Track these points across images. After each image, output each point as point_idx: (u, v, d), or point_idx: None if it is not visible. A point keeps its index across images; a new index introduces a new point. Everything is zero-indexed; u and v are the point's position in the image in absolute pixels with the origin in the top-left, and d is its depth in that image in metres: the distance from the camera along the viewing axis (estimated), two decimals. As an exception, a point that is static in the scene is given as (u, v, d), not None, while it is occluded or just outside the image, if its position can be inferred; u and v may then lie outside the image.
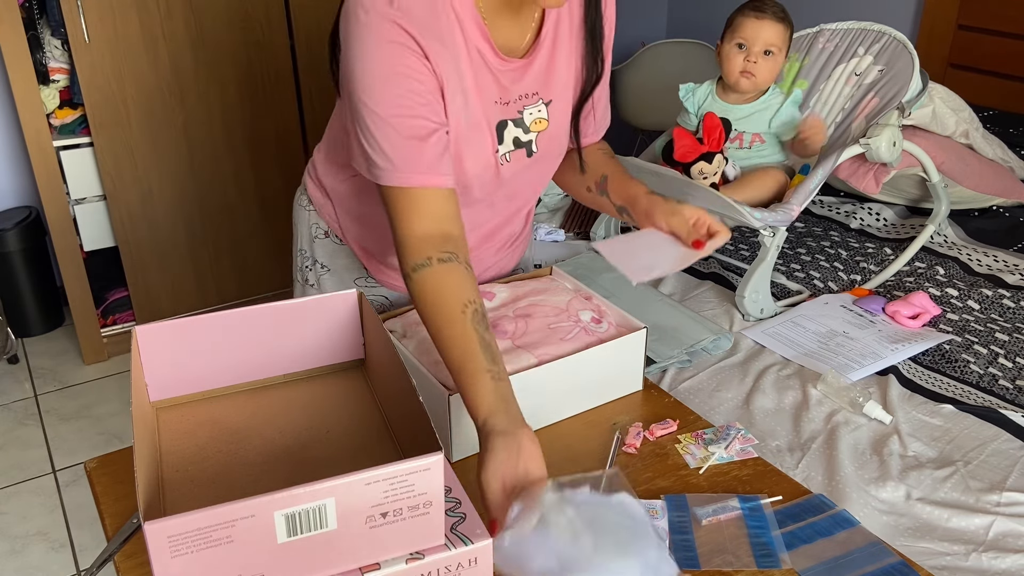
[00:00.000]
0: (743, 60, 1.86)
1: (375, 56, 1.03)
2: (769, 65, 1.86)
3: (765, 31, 1.84)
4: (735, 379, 1.58)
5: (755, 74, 1.86)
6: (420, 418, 0.80)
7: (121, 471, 1.06)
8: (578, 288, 1.32)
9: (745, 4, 1.88)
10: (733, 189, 1.84)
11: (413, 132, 1.04)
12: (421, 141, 1.05)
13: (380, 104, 1.04)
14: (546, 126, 1.20)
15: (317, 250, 1.37)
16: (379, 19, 1.02)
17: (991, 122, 2.51)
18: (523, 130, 1.18)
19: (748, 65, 1.85)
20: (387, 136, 1.04)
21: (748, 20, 1.85)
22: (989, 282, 1.93)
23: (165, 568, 0.69)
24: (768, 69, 1.87)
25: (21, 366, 2.71)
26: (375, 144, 1.05)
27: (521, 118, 1.17)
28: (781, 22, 1.85)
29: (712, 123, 1.81)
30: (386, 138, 1.04)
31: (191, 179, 2.66)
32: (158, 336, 0.93)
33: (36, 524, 2.08)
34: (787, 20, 1.87)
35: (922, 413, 1.49)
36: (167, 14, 2.44)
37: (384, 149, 1.05)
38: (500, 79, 1.13)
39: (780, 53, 1.86)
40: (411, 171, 1.05)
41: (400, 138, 1.04)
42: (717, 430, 1.16)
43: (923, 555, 1.18)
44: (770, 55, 1.85)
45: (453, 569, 0.79)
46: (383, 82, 1.03)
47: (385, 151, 1.05)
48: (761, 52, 1.84)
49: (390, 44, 1.02)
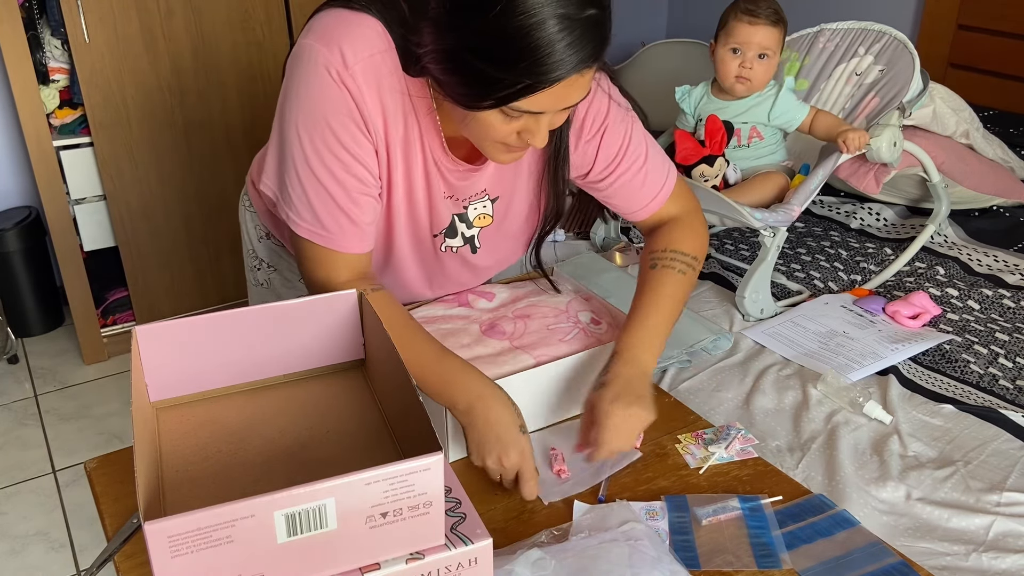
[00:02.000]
0: (738, 66, 1.85)
1: (323, 117, 0.99)
2: (764, 67, 1.86)
3: (759, 35, 1.83)
4: (735, 379, 1.58)
5: (750, 79, 1.86)
6: (420, 418, 0.80)
7: (121, 471, 1.06)
8: (578, 289, 1.32)
9: (738, 4, 1.85)
10: (735, 194, 1.84)
11: (348, 207, 1.03)
12: (354, 216, 1.04)
13: (319, 169, 1.01)
14: (490, 222, 1.18)
15: (262, 250, 1.35)
16: (333, 83, 0.98)
17: (991, 122, 2.51)
18: (466, 225, 1.17)
19: (743, 71, 1.85)
20: (322, 200, 1.03)
21: (741, 25, 1.83)
22: (989, 282, 1.93)
23: (165, 568, 0.69)
24: (763, 72, 1.86)
25: (21, 366, 2.71)
26: (304, 199, 1.03)
27: (465, 213, 1.16)
28: (775, 25, 1.84)
29: (714, 126, 1.81)
30: (321, 202, 1.03)
31: (191, 179, 2.66)
32: (158, 336, 0.93)
33: (36, 524, 2.08)
34: (781, 21, 1.86)
35: (922, 413, 1.49)
36: (167, 14, 2.44)
37: (315, 209, 1.03)
38: (448, 177, 1.11)
39: (775, 55, 1.86)
40: (340, 238, 1.05)
41: (335, 207, 1.03)
42: (717, 430, 1.16)
43: (923, 555, 1.18)
44: (765, 58, 1.85)
45: (453, 569, 0.79)
46: (328, 147, 1.00)
47: (316, 211, 1.03)
48: (755, 56, 1.84)
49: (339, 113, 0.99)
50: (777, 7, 1.86)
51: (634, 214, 1.21)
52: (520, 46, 0.84)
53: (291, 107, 1.01)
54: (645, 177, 1.18)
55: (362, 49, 0.97)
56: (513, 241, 1.24)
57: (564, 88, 0.89)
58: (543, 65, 0.85)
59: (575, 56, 0.86)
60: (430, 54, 0.92)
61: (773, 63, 1.87)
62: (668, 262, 1.16)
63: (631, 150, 1.15)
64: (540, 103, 0.90)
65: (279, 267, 1.35)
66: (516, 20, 0.83)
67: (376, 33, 0.98)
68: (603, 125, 1.13)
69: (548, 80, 0.86)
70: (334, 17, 1.00)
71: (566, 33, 0.84)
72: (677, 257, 1.17)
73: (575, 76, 0.88)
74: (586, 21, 0.85)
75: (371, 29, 0.98)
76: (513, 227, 1.22)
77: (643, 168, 1.17)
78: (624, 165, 1.15)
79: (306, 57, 0.99)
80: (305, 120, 1.00)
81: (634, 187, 1.18)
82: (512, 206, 1.19)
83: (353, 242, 1.06)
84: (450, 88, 0.92)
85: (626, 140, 1.15)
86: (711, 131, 1.81)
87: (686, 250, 1.18)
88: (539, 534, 0.96)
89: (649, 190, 1.19)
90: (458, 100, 0.93)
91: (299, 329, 0.99)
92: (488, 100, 0.90)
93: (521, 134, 0.96)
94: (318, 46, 0.98)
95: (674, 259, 1.17)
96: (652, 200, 1.20)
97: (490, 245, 1.21)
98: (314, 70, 0.98)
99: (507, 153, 1.01)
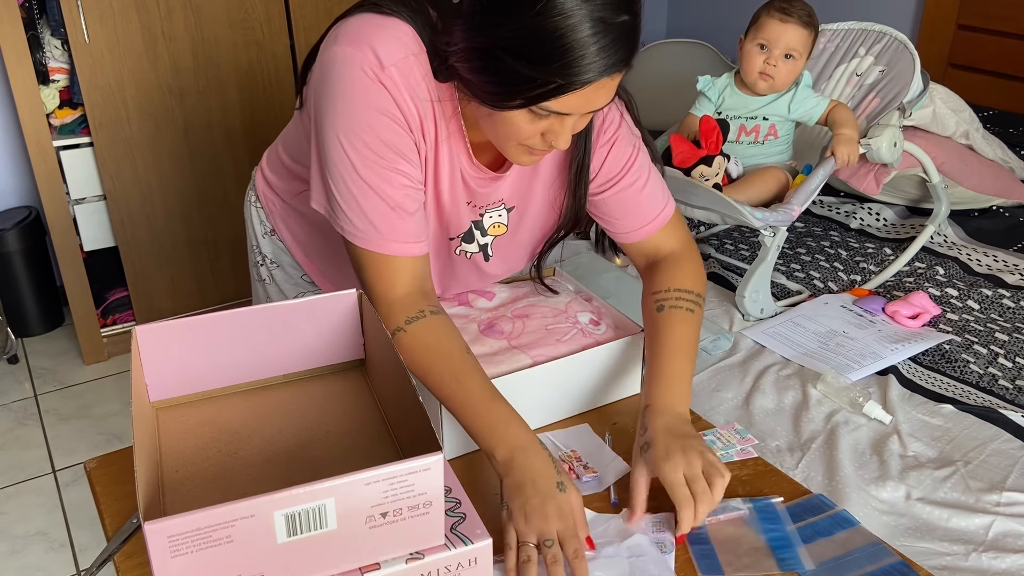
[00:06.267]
0: (763, 62, 1.85)
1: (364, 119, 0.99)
2: (789, 68, 1.85)
3: (788, 34, 1.82)
4: (735, 379, 1.58)
5: (773, 77, 1.85)
6: (420, 418, 0.80)
7: (121, 471, 1.06)
8: (579, 289, 1.32)
9: (772, 3, 1.85)
10: (735, 190, 1.84)
11: (399, 204, 1.03)
12: (406, 213, 1.03)
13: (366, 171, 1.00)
14: (504, 231, 1.19)
15: (265, 246, 1.36)
16: (371, 82, 0.97)
17: (991, 122, 2.51)
18: (481, 232, 1.17)
19: (767, 67, 1.85)
20: (372, 203, 1.02)
21: (773, 21, 1.83)
22: (989, 282, 1.93)
23: (165, 568, 0.69)
24: (787, 72, 1.86)
25: (21, 366, 2.71)
26: (355, 206, 1.02)
27: (481, 221, 1.16)
28: (806, 27, 1.84)
29: (709, 126, 1.80)
30: (371, 205, 1.02)
31: (191, 179, 2.66)
32: (158, 336, 0.93)
33: (36, 524, 2.08)
34: (813, 24, 1.85)
35: (922, 413, 1.49)
36: (167, 14, 2.44)
37: (367, 214, 1.02)
38: (471, 184, 1.11)
39: (801, 58, 1.86)
40: (394, 240, 1.03)
41: (386, 208, 1.02)
42: (717, 432, 1.16)
43: (923, 555, 1.18)
44: (791, 59, 1.84)
45: (453, 569, 0.79)
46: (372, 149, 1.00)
47: (368, 216, 1.02)
48: (782, 55, 1.83)
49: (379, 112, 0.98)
50: (811, 11, 1.85)
51: (629, 234, 1.20)
52: (555, 46, 0.85)
53: (328, 117, 1.00)
54: (644, 197, 1.18)
55: (396, 51, 0.97)
56: (524, 250, 1.25)
57: (593, 91, 0.90)
58: (576, 66, 0.86)
59: (607, 60, 0.87)
60: (460, 52, 0.92)
61: (798, 65, 1.86)
62: (675, 302, 1.14)
63: (634, 169, 1.16)
64: (568, 104, 0.91)
65: (282, 263, 1.35)
66: (553, 20, 0.84)
67: (408, 36, 0.98)
68: (614, 137, 1.14)
69: (579, 82, 0.88)
70: (363, 21, 0.99)
71: (600, 36, 0.86)
72: (683, 296, 1.15)
73: (605, 79, 0.89)
74: (620, 27, 0.87)
75: (403, 32, 0.98)
76: (525, 237, 1.22)
77: (644, 189, 1.17)
78: (626, 180, 1.16)
79: (339, 63, 0.98)
80: (346, 126, 0.99)
81: (631, 204, 1.18)
82: (526, 216, 1.19)
83: (407, 245, 1.04)
84: (479, 87, 0.93)
85: (632, 158, 1.16)
86: (706, 131, 1.80)
87: (690, 287, 1.16)
88: None
89: (647, 210, 1.19)
90: (487, 99, 0.93)
91: (299, 329, 0.99)
92: (518, 99, 0.91)
93: (545, 135, 0.97)
94: (350, 50, 0.97)
95: (680, 298, 1.15)
96: (649, 223, 1.19)
97: (502, 254, 1.22)
98: (349, 73, 0.98)
99: (529, 155, 1.02)
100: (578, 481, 1.05)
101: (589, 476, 1.06)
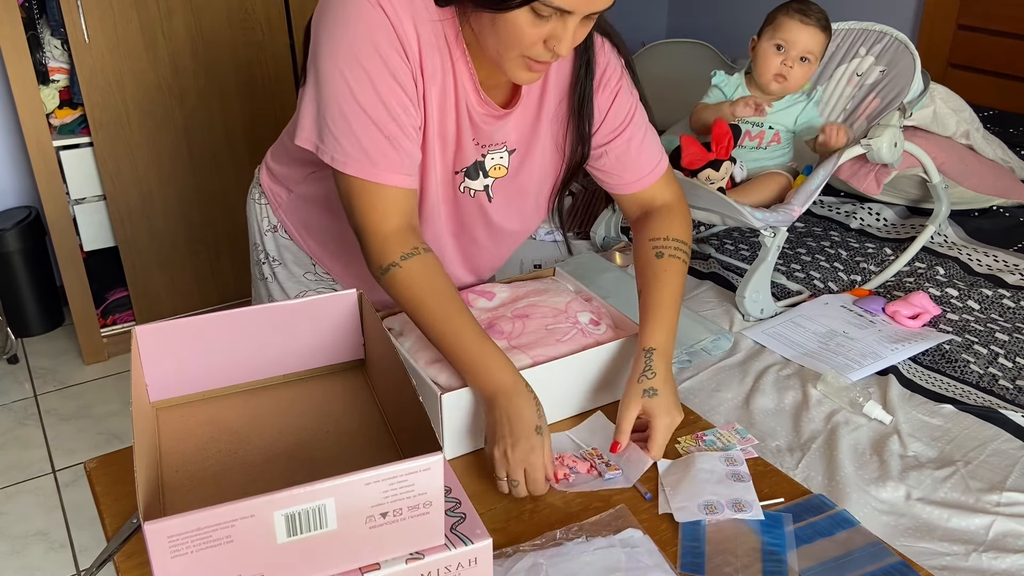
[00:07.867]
0: (779, 63, 1.84)
1: (362, 45, 1.00)
2: (803, 71, 1.85)
3: (807, 37, 1.82)
4: (735, 379, 1.58)
5: (788, 79, 1.85)
6: (420, 418, 0.80)
7: (121, 471, 1.06)
8: (579, 290, 1.32)
9: (791, 4, 1.85)
10: (738, 194, 1.84)
11: (393, 134, 1.03)
12: (400, 144, 1.04)
13: (363, 97, 1.01)
14: (504, 173, 1.20)
15: (268, 243, 1.36)
16: (370, 7, 1.00)
17: (991, 122, 2.51)
18: (483, 174, 1.18)
19: (784, 69, 1.84)
20: (367, 131, 1.02)
21: (792, 23, 1.82)
22: (989, 282, 1.93)
23: (165, 568, 0.69)
24: (801, 75, 1.86)
25: (21, 366, 2.71)
26: (348, 134, 1.03)
27: (483, 161, 1.17)
28: (824, 31, 1.84)
29: (721, 130, 1.80)
30: (366, 133, 1.02)
31: (191, 179, 2.66)
32: (158, 336, 0.93)
33: (36, 524, 2.08)
34: (829, 30, 1.85)
35: (922, 413, 1.49)
36: (167, 14, 2.44)
37: (361, 141, 1.03)
38: (476, 120, 1.12)
39: (816, 62, 1.86)
40: (387, 169, 1.04)
41: (380, 136, 1.03)
42: (717, 432, 1.16)
43: (923, 555, 1.18)
44: (806, 62, 1.84)
45: (453, 569, 0.79)
46: (369, 75, 1.01)
47: (362, 143, 1.03)
48: (798, 58, 1.83)
49: (379, 38, 1.00)
50: (827, 16, 1.85)
51: (628, 185, 1.25)
52: None
53: (327, 44, 1.02)
54: (643, 150, 1.23)
55: None
56: (527, 196, 1.25)
57: None
58: None
59: None
60: None
61: (811, 69, 1.86)
62: (673, 251, 1.21)
63: (635, 121, 1.21)
64: (570, 0, 0.93)
65: (285, 261, 1.36)
66: None
67: None
68: (618, 86, 1.18)
69: None
70: None
71: None
72: (680, 246, 1.22)
73: None
74: None
75: None
76: (527, 182, 1.23)
77: (643, 141, 1.23)
78: (628, 133, 1.20)
79: None
80: (344, 52, 1.01)
81: (632, 157, 1.23)
82: (527, 159, 1.20)
83: (399, 175, 1.05)
84: None
85: (632, 111, 1.20)
86: (718, 136, 1.80)
87: (684, 238, 1.23)
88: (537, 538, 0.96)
89: (645, 163, 1.24)
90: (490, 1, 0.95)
91: (299, 329, 0.99)
92: None
93: (548, 42, 0.99)
94: None
95: (677, 248, 1.22)
96: (647, 174, 1.25)
97: (503, 197, 1.22)
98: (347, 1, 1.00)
99: (529, 71, 1.03)
100: (601, 479, 1.06)
101: (612, 473, 1.07)
